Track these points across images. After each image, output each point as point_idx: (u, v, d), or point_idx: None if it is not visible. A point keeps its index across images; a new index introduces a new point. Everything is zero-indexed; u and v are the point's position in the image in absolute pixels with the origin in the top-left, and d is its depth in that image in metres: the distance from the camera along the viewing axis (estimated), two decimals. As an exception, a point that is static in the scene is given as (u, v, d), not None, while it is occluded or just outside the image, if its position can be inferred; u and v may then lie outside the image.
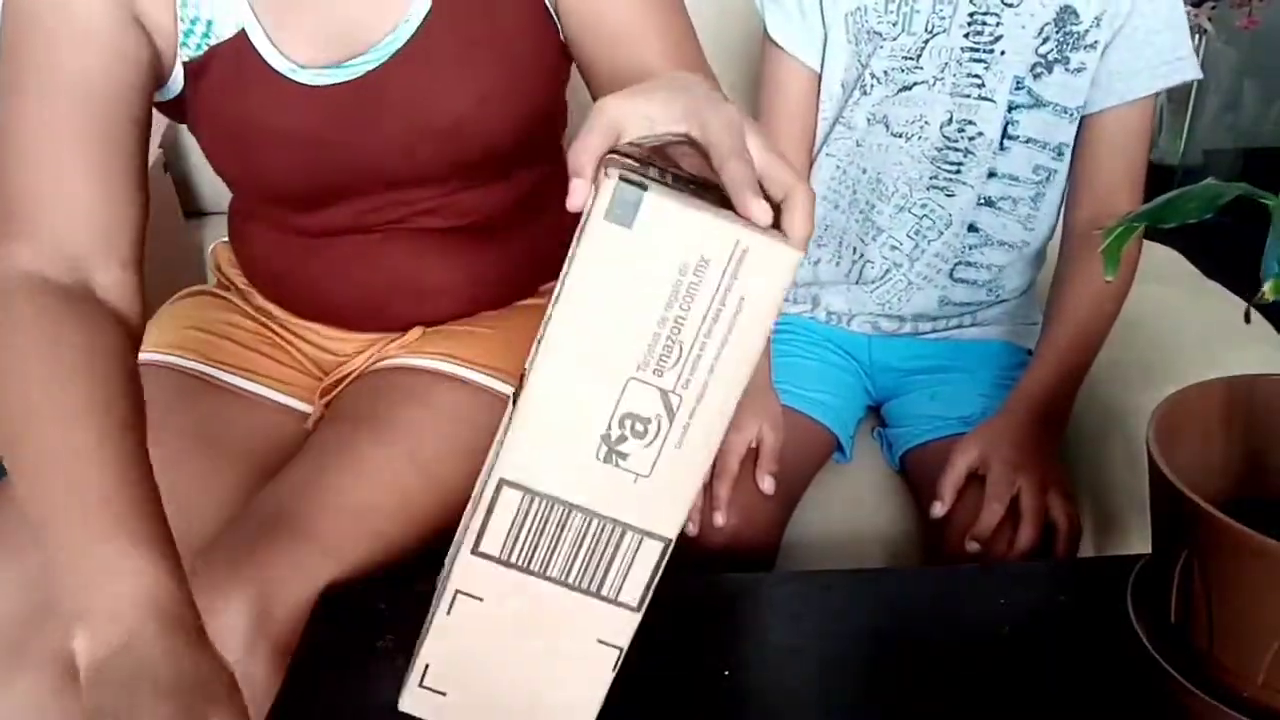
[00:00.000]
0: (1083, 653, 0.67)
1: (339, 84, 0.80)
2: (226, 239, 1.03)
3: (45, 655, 0.76)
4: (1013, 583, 0.75)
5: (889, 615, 0.72)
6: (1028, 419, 0.92)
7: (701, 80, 0.57)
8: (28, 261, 0.69)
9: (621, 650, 0.55)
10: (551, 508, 0.52)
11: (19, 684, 0.75)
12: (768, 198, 0.49)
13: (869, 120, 1.02)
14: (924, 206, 1.04)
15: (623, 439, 0.50)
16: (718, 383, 0.49)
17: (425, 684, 0.56)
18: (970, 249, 1.05)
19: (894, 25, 0.98)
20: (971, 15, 0.96)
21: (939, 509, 0.91)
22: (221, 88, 0.80)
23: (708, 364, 0.49)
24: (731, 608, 0.72)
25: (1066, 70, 0.96)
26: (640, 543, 0.53)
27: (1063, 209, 1.05)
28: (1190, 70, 0.96)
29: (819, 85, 1.04)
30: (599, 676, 0.55)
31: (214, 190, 1.37)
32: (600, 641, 0.55)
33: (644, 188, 0.47)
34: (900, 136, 1.02)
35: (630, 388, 0.50)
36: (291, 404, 0.95)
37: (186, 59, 0.79)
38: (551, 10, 0.82)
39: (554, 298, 0.50)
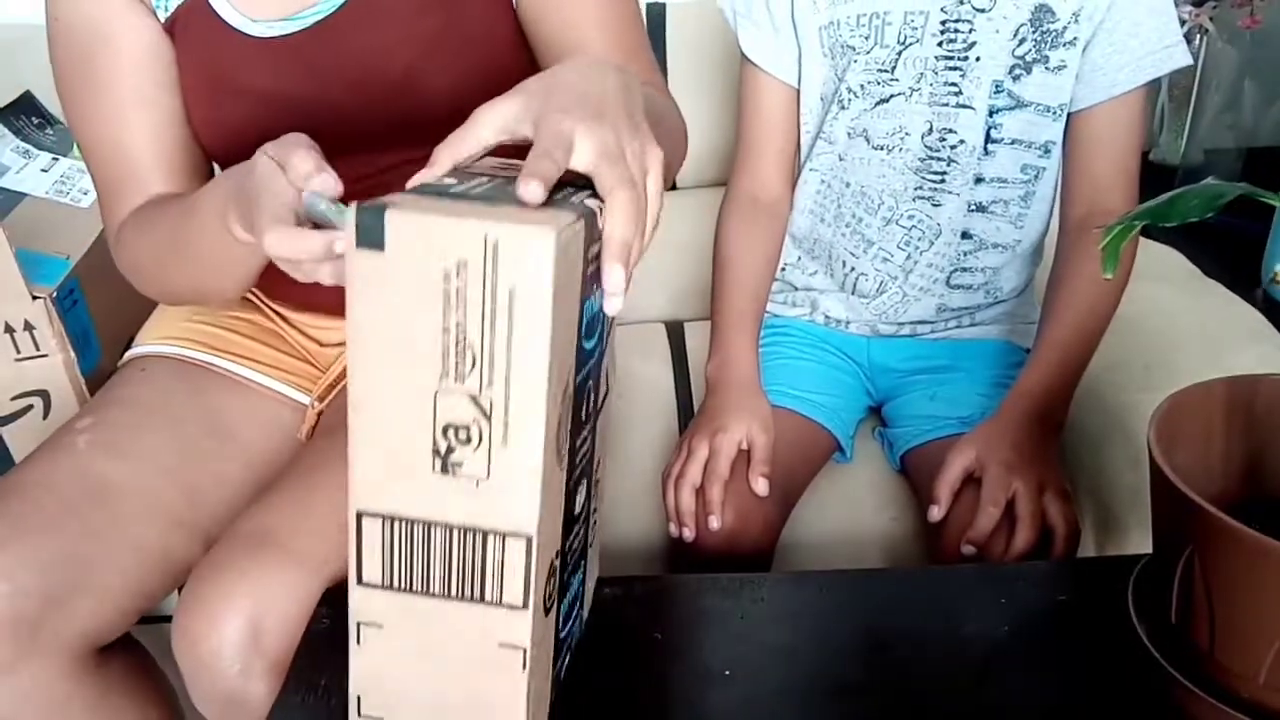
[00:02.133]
0: (1083, 653, 0.67)
1: (289, 35, 0.83)
2: None
3: (59, 639, 0.77)
4: (1012, 583, 0.74)
5: (888, 615, 0.71)
6: (1024, 419, 0.91)
7: (601, 74, 0.56)
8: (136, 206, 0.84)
9: (526, 649, 0.54)
10: (411, 528, 0.52)
11: (32, 664, 0.75)
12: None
13: (849, 134, 1.02)
14: (911, 218, 1.03)
15: (450, 449, 0.50)
16: (519, 375, 0.49)
17: (363, 714, 0.57)
18: (964, 255, 1.05)
19: (866, 39, 0.97)
20: (943, 23, 0.95)
21: (935, 513, 0.90)
22: (188, 45, 0.85)
23: (503, 360, 0.48)
24: (730, 608, 0.72)
25: (1047, 69, 0.95)
26: (504, 543, 0.52)
27: (1056, 206, 1.04)
28: (1180, 57, 0.93)
29: (798, 100, 1.04)
30: (514, 678, 0.55)
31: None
32: (503, 645, 0.54)
33: (383, 208, 0.46)
34: (881, 149, 1.01)
35: (440, 400, 0.50)
36: (294, 395, 0.97)
37: (163, 20, 0.85)
38: None
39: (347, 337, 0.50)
